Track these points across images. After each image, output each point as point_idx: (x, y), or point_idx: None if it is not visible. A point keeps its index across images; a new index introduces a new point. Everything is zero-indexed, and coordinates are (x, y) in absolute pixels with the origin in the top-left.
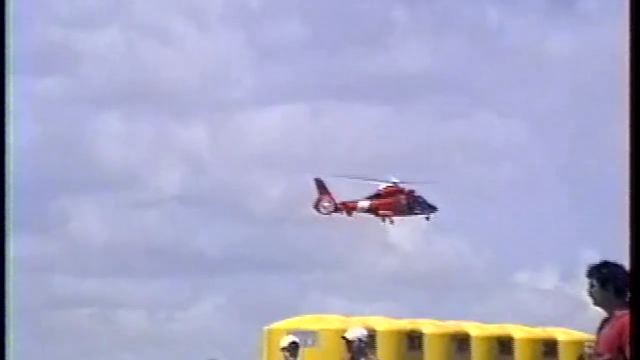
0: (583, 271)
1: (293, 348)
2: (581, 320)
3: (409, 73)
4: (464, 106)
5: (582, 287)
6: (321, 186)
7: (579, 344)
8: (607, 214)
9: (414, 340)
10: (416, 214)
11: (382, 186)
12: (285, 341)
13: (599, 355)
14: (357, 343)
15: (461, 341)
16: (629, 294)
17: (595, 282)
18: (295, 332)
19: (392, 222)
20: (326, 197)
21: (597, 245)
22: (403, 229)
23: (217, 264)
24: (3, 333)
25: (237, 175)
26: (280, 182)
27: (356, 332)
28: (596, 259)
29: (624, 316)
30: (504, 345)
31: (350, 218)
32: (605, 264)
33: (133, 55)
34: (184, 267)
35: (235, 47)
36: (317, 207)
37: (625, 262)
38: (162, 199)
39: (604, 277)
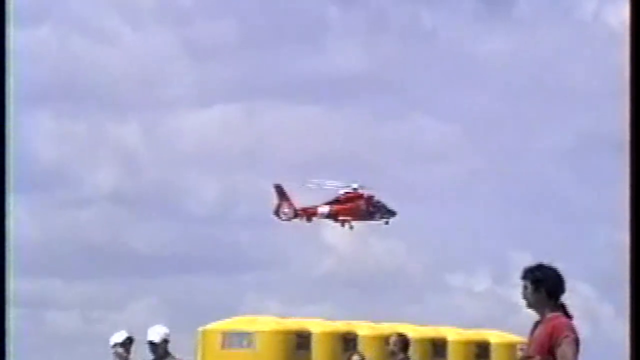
0: (516, 273)
1: (127, 343)
2: (514, 323)
3: (343, 73)
4: (397, 108)
5: (514, 289)
6: (280, 192)
7: (511, 345)
8: (539, 217)
9: (348, 341)
10: (375, 218)
11: (342, 191)
12: (120, 336)
13: (530, 357)
14: (163, 345)
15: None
16: (560, 297)
17: (528, 284)
18: (230, 333)
19: (351, 227)
20: (286, 203)
21: (530, 248)
22: (339, 231)
23: (151, 264)
24: (3, 333)
25: (171, 174)
26: (215, 182)
27: (159, 332)
28: (529, 262)
29: (555, 318)
30: (438, 347)
31: (285, 222)
32: (538, 267)
33: (66, 53)
34: (118, 267)
35: (169, 45)
36: (276, 213)
37: (558, 264)
38: (95, 197)
39: (537, 279)
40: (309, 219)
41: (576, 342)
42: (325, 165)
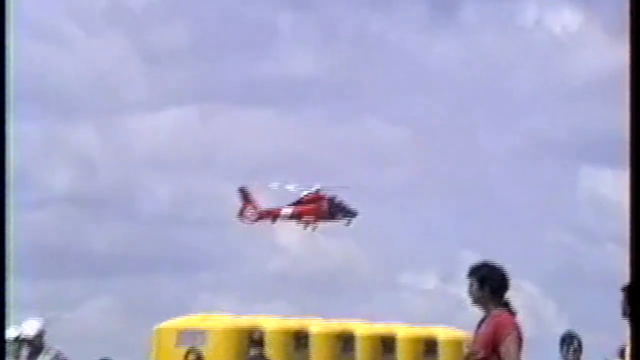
0: (463, 272)
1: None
2: (461, 319)
3: (295, 78)
4: (349, 111)
5: (462, 288)
6: (244, 195)
7: (458, 342)
8: (486, 218)
9: (300, 338)
10: (337, 219)
11: (304, 193)
12: (11, 333)
13: (474, 353)
14: (38, 339)
15: (346, 340)
16: (505, 294)
17: (474, 282)
18: (184, 331)
19: (314, 228)
20: (249, 205)
21: (477, 247)
22: (290, 231)
23: (106, 264)
24: (3, 332)
25: (126, 176)
26: (169, 184)
27: (33, 326)
28: (475, 260)
29: (499, 315)
30: (387, 343)
31: (241, 222)
32: (484, 265)
33: (21, 56)
34: (73, 267)
35: (123, 49)
36: (241, 215)
37: (503, 263)
38: (51, 198)
39: (482, 277)
40: (273, 220)
41: (519, 338)
42: (278, 167)
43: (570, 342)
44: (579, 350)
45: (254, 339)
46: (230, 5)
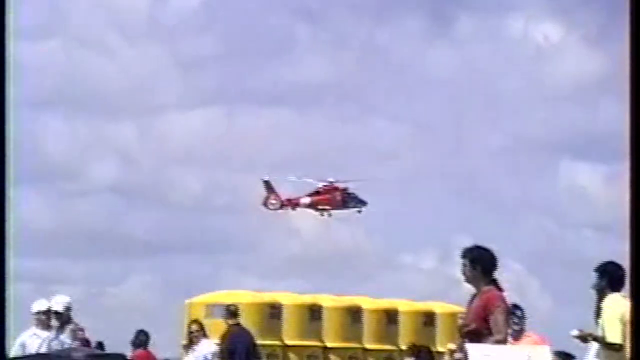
0: (457, 253)
1: (48, 312)
2: (455, 295)
3: (310, 82)
4: (356, 112)
5: (456, 268)
6: (268, 186)
7: (453, 315)
8: (477, 205)
9: (314, 312)
10: (349, 207)
11: (320, 184)
12: (40, 305)
13: (467, 325)
14: (67, 312)
15: (355, 313)
16: (494, 273)
17: (466, 262)
18: (212, 305)
19: (329, 215)
20: (273, 195)
21: (469, 232)
22: (305, 218)
23: (144, 247)
24: (3, 332)
25: (161, 169)
26: (199, 176)
27: (62, 302)
28: (468, 243)
29: (488, 291)
30: (391, 316)
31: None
32: (475, 247)
33: (71, 64)
34: (115, 249)
35: (158, 58)
36: (265, 204)
37: (492, 245)
38: (96, 189)
39: (473, 258)
40: (293, 208)
41: (506, 311)
42: (295, 162)
43: (512, 312)
44: (522, 318)
45: (230, 311)
46: (253, 17)
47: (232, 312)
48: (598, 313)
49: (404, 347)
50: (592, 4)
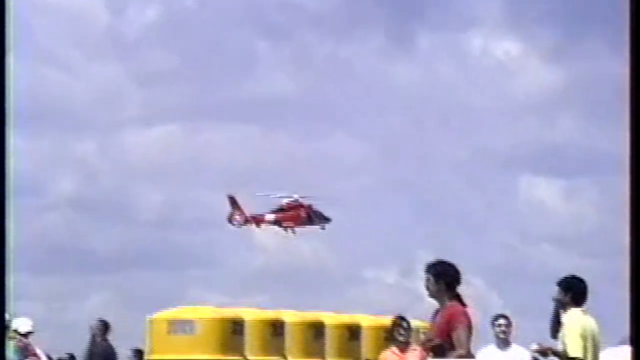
0: (420, 268)
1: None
2: (418, 310)
3: (273, 98)
4: (320, 128)
5: (419, 282)
6: (233, 202)
7: (416, 330)
8: (440, 220)
9: (276, 327)
10: (314, 224)
11: (285, 201)
12: (24, 326)
13: (431, 340)
14: (28, 336)
15: (317, 328)
16: (457, 288)
17: (430, 277)
18: (174, 321)
19: (293, 232)
20: (237, 211)
21: (432, 246)
22: (269, 234)
23: (107, 262)
24: (3, 332)
25: (124, 185)
26: (161, 192)
27: (26, 324)
28: (431, 258)
29: (452, 307)
30: (353, 331)
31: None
32: (439, 262)
33: (31, 80)
34: (77, 264)
35: (118, 72)
36: (230, 220)
37: (455, 260)
38: (57, 203)
39: (437, 272)
40: (257, 225)
41: (469, 326)
42: (258, 178)
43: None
44: (409, 330)
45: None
46: (214, 32)
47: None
48: (556, 327)
49: None
50: (549, 21)
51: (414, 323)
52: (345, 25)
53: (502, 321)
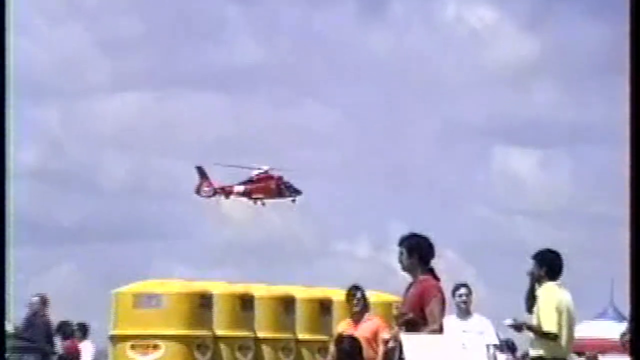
0: (393, 241)
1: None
2: (391, 284)
3: (243, 65)
4: (291, 96)
5: (392, 256)
6: (201, 173)
7: (389, 304)
8: (413, 193)
9: (246, 302)
10: (284, 196)
11: (255, 172)
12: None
13: (404, 314)
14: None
15: (287, 302)
16: (430, 261)
17: (403, 251)
18: (140, 295)
19: (263, 204)
20: (206, 182)
21: (405, 219)
22: (237, 204)
23: (71, 234)
24: (3, 332)
25: (88, 154)
26: (128, 162)
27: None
28: (403, 231)
29: (425, 280)
30: (324, 306)
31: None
32: (413, 235)
33: None
34: (40, 237)
35: (83, 38)
36: (198, 191)
37: (429, 234)
38: (20, 174)
39: (411, 246)
40: (226, 197)
41: (442, 301)
42: (228, 148)
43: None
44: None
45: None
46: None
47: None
48: (531, 301)
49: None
50: None
51: (387, 297)
52: None
53: (462, 290)
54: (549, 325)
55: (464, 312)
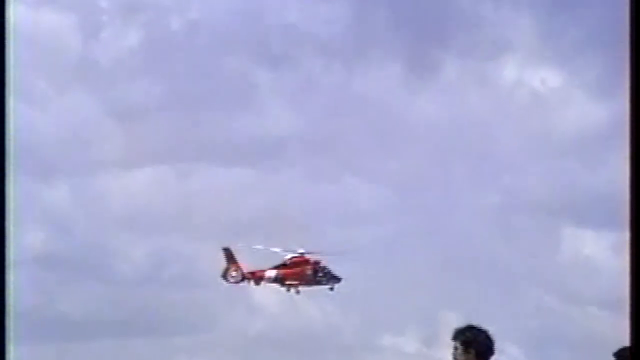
0: (445, 333)
1: None
2: None
3: (274, 135)
4: (329, 169)
5: (445, 351)
6: (229, 256)
7: None
8: (468, 277)
9: None
10: (321, 283)
11: (288, 256)
12: None
13: None
14: None
15: None
16: (489, 358)
17: (458, 345)
18: None
19: (297, 292)
20: (233, 266)
21: (459, 308)
22: (269, 292)
23: (80, 327)
24: (3, 332)
25: (100, 236)
26: (145, 245)
27: None
28: (458, 322)
29: None
30: None
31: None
32: (469, 328)
33: None
34: (46, 331)
35: (93, 106)
36: (224, 276)
37: (486, 325)
38: (24, 260)
39: (467, 340)
40: (257, 283)
41: None
42: (257, 227)
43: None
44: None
45: None
46: (205, 60)
47: None
48: None
49: None
50: (592, 51)
51: None
52: (358, 51)
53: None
54: None
55: None
